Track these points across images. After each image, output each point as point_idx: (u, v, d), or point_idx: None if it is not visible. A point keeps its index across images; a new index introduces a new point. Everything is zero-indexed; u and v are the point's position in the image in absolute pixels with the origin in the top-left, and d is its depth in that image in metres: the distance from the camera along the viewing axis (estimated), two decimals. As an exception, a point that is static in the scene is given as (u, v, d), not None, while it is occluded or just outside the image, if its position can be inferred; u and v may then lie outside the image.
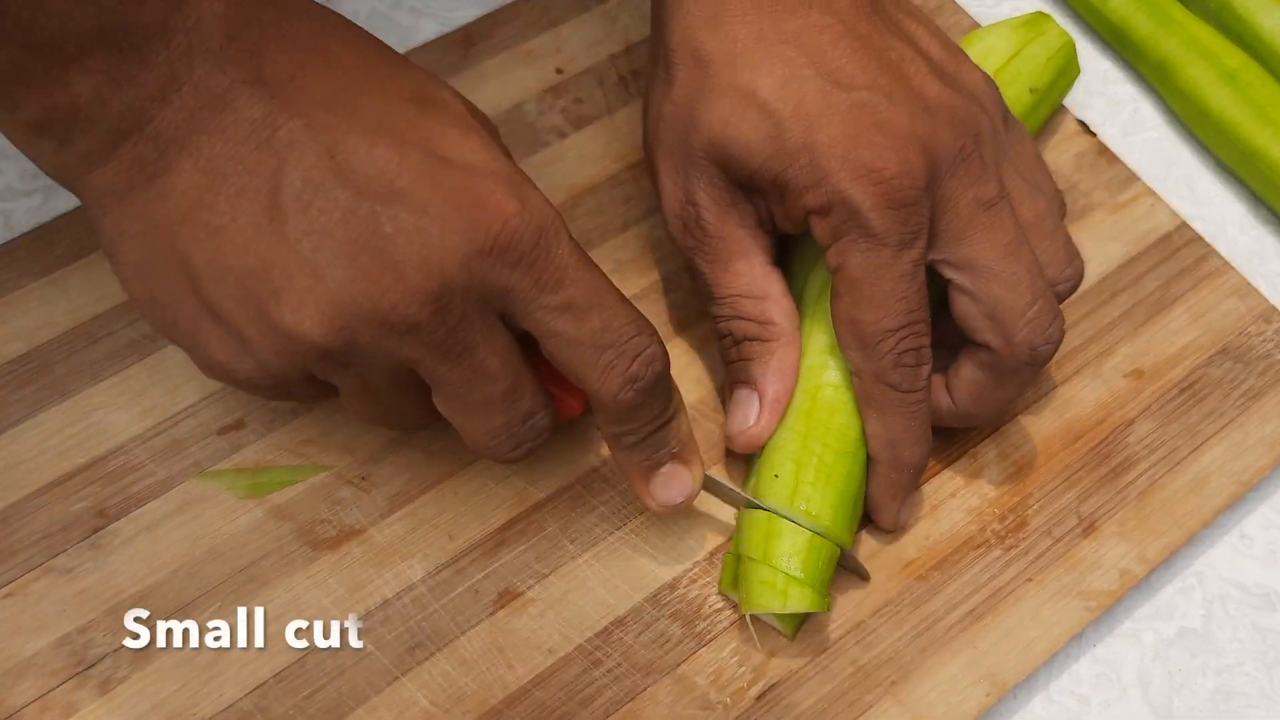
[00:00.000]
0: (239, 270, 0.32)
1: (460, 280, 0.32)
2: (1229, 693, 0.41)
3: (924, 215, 0.37)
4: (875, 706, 0.38)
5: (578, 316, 0.34)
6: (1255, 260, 0.50)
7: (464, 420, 0.36)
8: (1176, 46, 0.52)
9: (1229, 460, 0.43)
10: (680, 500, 0.38)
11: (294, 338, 0.32)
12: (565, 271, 0.34)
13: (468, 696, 0.37)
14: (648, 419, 0.37)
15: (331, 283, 0.32)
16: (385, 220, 0.32)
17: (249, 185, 0.32)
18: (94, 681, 0.37)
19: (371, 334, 0.32)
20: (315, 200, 0.32)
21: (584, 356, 0.34)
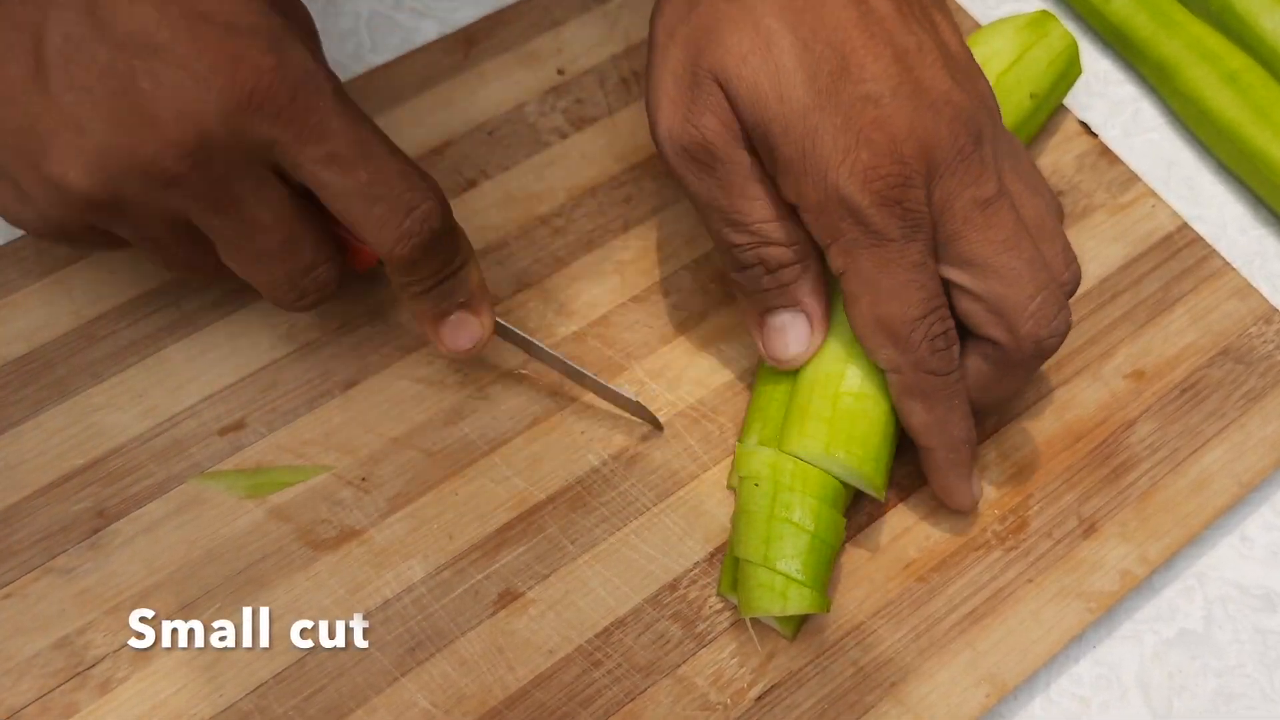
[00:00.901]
0: (9, 125, 0.34)
1: (219, 134, 0.33)
2: (1229, 694, 0.41)
3: (923, 210, 0.37)
4: (875, 708, 0.38)
5: (344, 169, 0.35)
6: (1256, 261, 0.50)
7: (245, 271, 0.37)
8: (1178, 48, 0.52)
9: (1230, 461, 0.43)
10: (468, 345, 0.40)
11: (62, 189, 0.34)
12: (328, 123, 0.34)
13: (468, 697, 0.37)
14: (430, 272, 0.38)
15: (93, 136, 0.33)
16: (143, 75, 0.33)
17: (15, 41, 0.33)
18: (94, 682, 0.37)
19: (135, 186, 0.34)
20: (76, 55, 0.33)
21: (354, 209, 0.35)
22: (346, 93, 0.35)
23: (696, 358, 0.44)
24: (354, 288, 0.44)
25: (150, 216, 0.35)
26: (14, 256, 0.44)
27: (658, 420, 0.42)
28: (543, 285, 0.45)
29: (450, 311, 0.39)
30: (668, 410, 0.43)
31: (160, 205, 0.35)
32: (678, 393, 0.43)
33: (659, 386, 0.43)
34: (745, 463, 0.39)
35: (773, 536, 0.37)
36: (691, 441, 0.42)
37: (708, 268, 0.46)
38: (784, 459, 0.38)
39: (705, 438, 0.42)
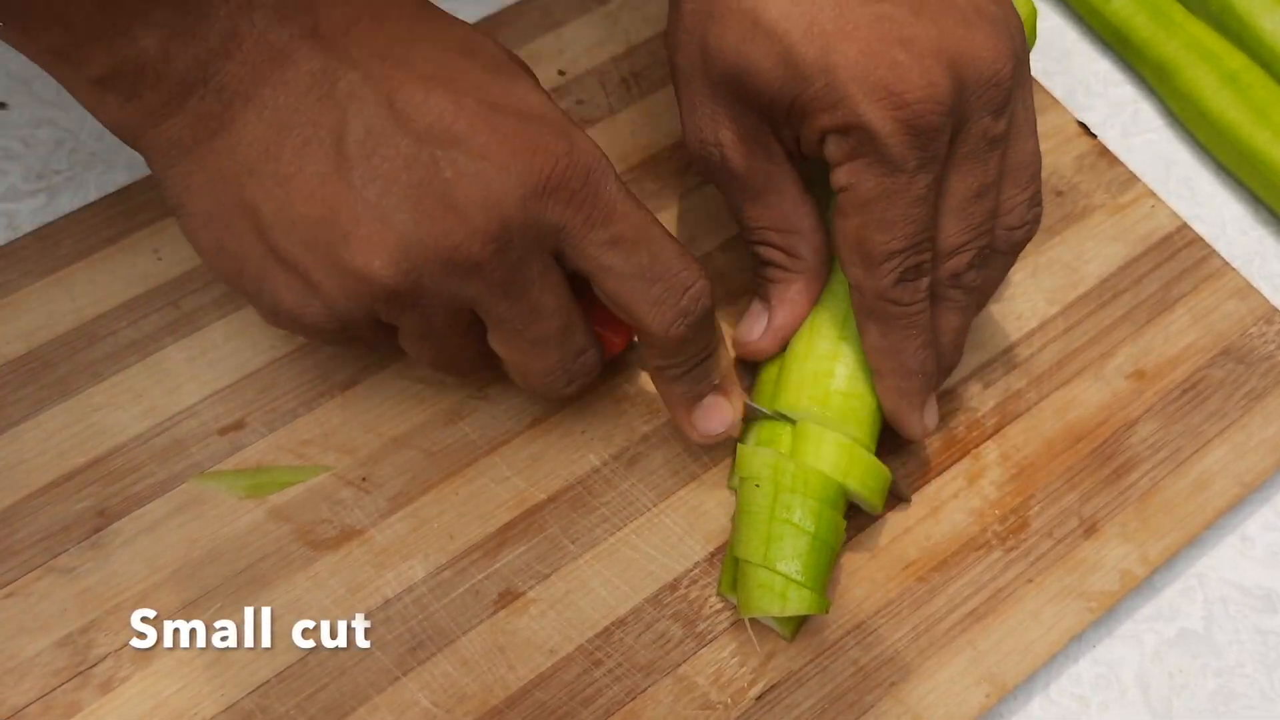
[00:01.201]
0: (307, 217, 0.33)
1: (518, 219, 0.34)
2: (1229, 694, 0.41)
3: (945, 140, 0.36)
4: (875, 707, 0.38)
5: (626, 251, 0.35)
6: (1256, 261, 0.50)
7: (520, 357, 0.37)
8: (1177, 48, 0.52)
9: (1231, 461, 0.43)
10: (720, 430, 0.39)
11: (363, 279, 0.34)
12: (613, 208, 0.35)
13: (469, 697, 0.37)
14: (693, 353, 0.38)
15: (398, 226, 0.33)
16: (445, 164, 0.33)
17: (313, 136, 0.33)
18: (96, 681, 0.37)
19: (437, 274, 0.34)
20: (378, 148, 0.33)
21: (634, 290, 0.36)
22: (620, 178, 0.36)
23: (697, 358, 0.44)
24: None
25: (440, 305, 0.35)
26: (14, 256, 0.44)
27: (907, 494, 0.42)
28: (543, 285, 0.45)
29: (704, 394, 0.39)
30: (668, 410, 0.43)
31: (455, 293, 0.35)
32: (678, 393, 0.43)
33: (659, 386, 0.43)
34: (746, 463, 0.39)
35: (773, 537, 0.37)
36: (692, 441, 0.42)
37: (707, 267, 0.46)
38: (785, 460, 0.38)
39: (706, 437, 0.42)
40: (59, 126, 0.48)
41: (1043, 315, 0.46)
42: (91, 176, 0.47)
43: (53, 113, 0.49)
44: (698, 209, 0.47)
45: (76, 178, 0.47)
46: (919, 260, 0.37)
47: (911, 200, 0.36)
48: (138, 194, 0.45)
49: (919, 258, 0.37)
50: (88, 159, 0.48)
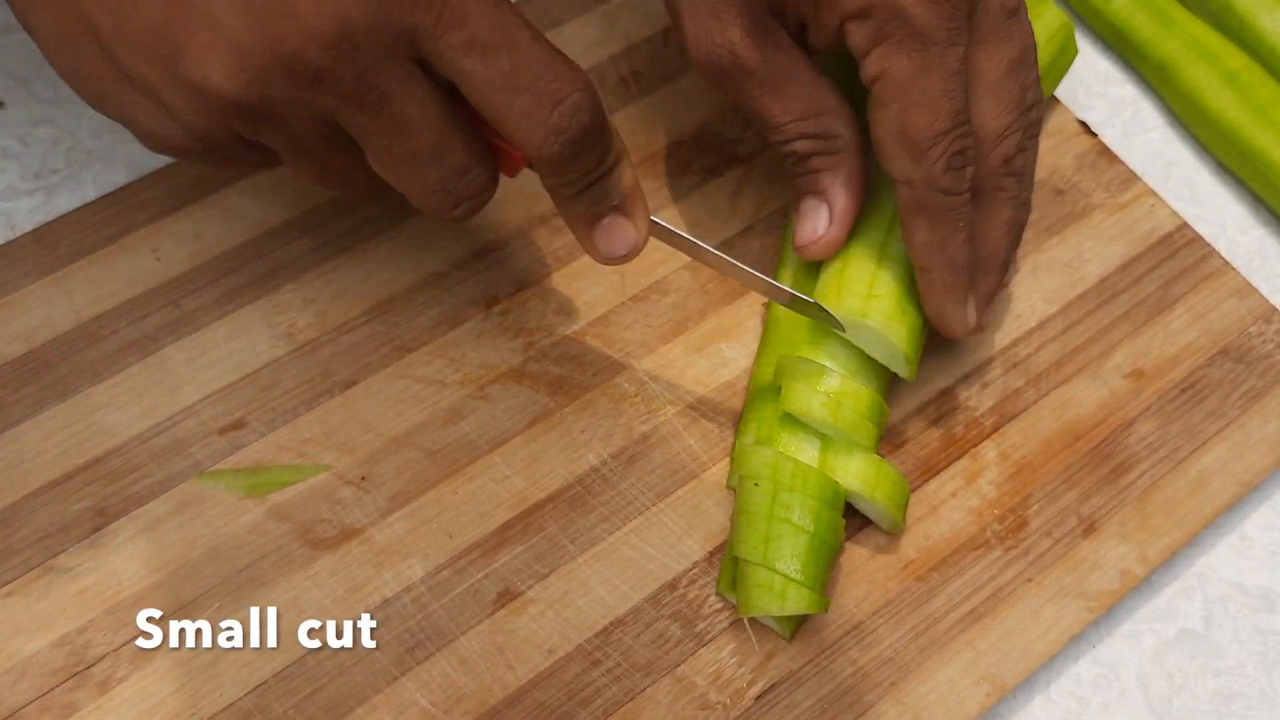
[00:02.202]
0: (143, 30, 0.32)
1: (360, 20, 0.31)
2: (1229, 694, 0.41)
3: (967, 8, 0.36)
4: (875, 707, 0.38)
5: (485, 56, 0.33)
6: (1256, 261, 0.50)
7: (396, 176, 0.35)
8: (1177, 47, 0.52)
9: (1230, 461, 0.43)
10: (623, 252, 0.37)
11: (206, 93, 0.32)
12: (467, 6, 0.32)
13: (467, 696, 0.37)
14: (582, 171, 0.35)
15: (230, 32, 0.31)
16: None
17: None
18: (93, 681, 0.37)
19: (280, 84, 0.32)
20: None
21: (497, 101, 0.33)
22: None
23: (696, 357, 0.44)
24: (353, 288, 0.44)
25: (298, 119, 0.33)
26: (12, 256, 0.44)
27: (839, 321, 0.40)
28: (542, 285, 0.45)
29: (603, 215, 0.37)
30: (667, 409, 0.43)
31: (307, 104, 0.32)
32: (677, 392, 0.43)
33: (659, 386, 0.43)
34: (745, 462, 0.39)
35: (772, 536, 0.37)
36: (691, 441, 0.42)
37: (707, 268, 0.46)
38: (784, 459, 0.38)
39: (705, 437, 0.42)
40: (57, 125, 0.48)
41: (1041, 314, 0.46)
42: (90, 175, 0.47)
43: (51, 111, 0.48)
44: (698, 209, 0.47)
45: (74, 177, 0.47)
46: (964, 145, 0.37)
47: (948, 74, 0.36)
48: (136, 193, 0.45)
49: (964, 141, 0.37)
50: (86, 158, 0.48)
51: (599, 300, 0.45)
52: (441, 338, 0.43)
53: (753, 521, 0.38)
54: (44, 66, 0.49)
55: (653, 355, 0.44)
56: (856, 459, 0.39)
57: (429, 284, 0.44)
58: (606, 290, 0.45)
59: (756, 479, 0.38)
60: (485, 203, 0.36)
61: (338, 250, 0.45)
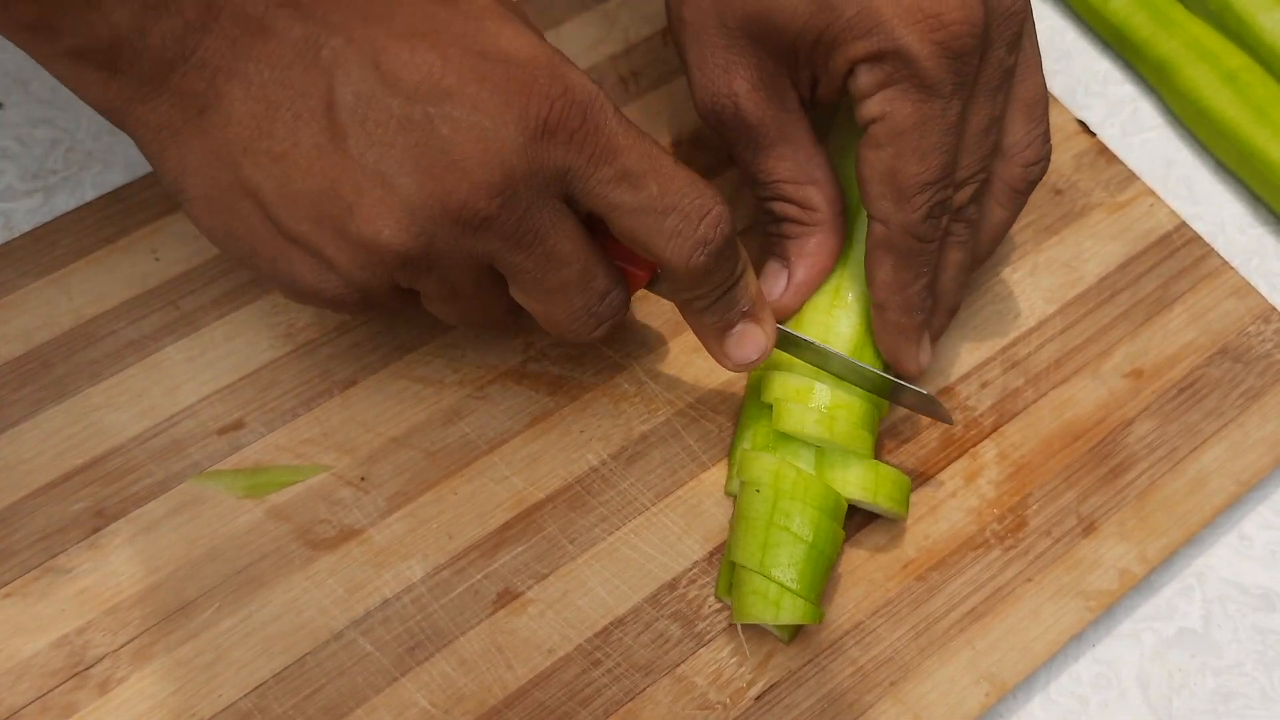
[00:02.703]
0: (309, 192, 0.33)
1: (521, 168, 0.33)
2: (1228, 693, 0.41)
3: (976, 65, 0.36)
4: (875, 707, 0.38)
5: (634, 185, 0.34)
6: (1254, 260, 0.50)
7: (544, 306, 0.36)
8: (1176, 47, 0.52)
9: (1228, 460, 0.43)
10: (755, 358, 0.38)
11: (375, 249, 0.33)
12: (615, 142, 0.34)
13: (467, 697, 0.37)
14: (719, 281, 0.37)
15: (401, 190, 0.33)
16: (440, 121, 0.33)
17: (303, 108, 0.33)
18: (93, 682, 0.37)
19: (447, 233, 0.33)
20: (370, 112, 0.33)
21: (647, 224, 0.35)
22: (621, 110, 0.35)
23: (695, 357, 0.44)
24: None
25: (456, 264, 0.34)
26: (11, 257, 0.44)
27: (950, 416, 0.41)
28: (542, 285, 0.45)
29: (735, 323, 0.38)
30: (667, 409, 0.43)
31: (469, 251, 0.34)
32: (676, 392, 0.43)
33: (658, 385, 0.43)
34: (747, 467, 0.39)
35: (770, 544, 0.37)
36: (691, 441, 0.42)
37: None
38: (787, 466, 0.38)
39: (704, 437, 0.42)
40: (56, 126, 0.48)
41: (1040, 314, 0.46)
42: (88, 176, 0.47)
43: (49, 112, 0.48)
44: (696, 208, 0.47)
45: (73, 177, 0.47)
46: (946, 196, 0.38)
47: (946, 128, 0.36)
48: (135, 194, 0.45)
49: (946, 193, 0.38)
50: (84, 159, 0.48)
51: (598, 300, 0.45)
52: (441, 338, 0.43)
53: (751, 528, 0.38)
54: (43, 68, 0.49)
55: (652, 355, 0.44)
56: (854, 468, 0.39)
57: (428, 284, 0.44)
58: (606, 290, 0.45)
59: (758, 485, 0.38)
60: (621, 321, 0.38)
61: (337, 250, 0.45)
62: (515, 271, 0.35)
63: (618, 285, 0.37)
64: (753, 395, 0.42)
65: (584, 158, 0.34)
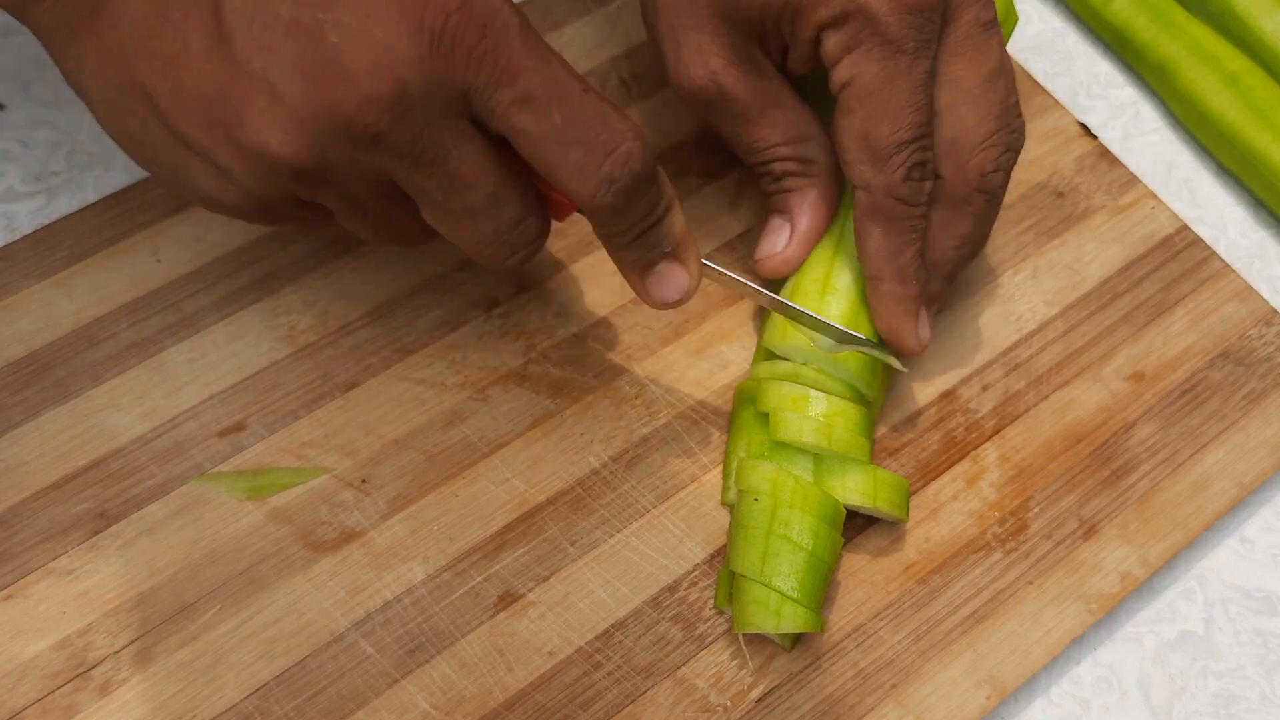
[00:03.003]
0: (199, 97, 0.32)
1: (415, 82, 0.32)
2: (1230, 696, 0.41)
3: (937, 22, 0.37)
4: (876, 710, 0.38)
5: (537, 111, 0.33)
6: (1256, 263, 0.50)
7: (452, 230, 0.35)
8: (1178, 49, 0.52)
9: (1230, 463, 0.43)
10: (676, 298, 0.38)
11: (265, 158, 0.32)
12: (517, 63, 0.32)
13: (468, 699, 0.37)
14: (634, 219, 0.35)
15: (288, 99, 0.31)
16: (329, 28, 0.31)
17: (193, 8, 0.32)
18: (94, 684, 0.37)
19: (338, 147, 0.32)
20: (257, 15, 0.31)
21: (550, 155, 0.33)
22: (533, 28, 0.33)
23: (696, 359, 0.44)
24: (354, 290, 0.44)
25: (355, 179, 0.33)
26: (12, 259, 0.44)
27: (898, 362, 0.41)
28: (543, 287, 0.45)
29: (656, 262, 0.37)
30: (667, 412, 0.43)
31: (364, 165, 0.33)
32: (677, 394, 0.43)
33: (659, 388, 0.43)
34: (745, 476, 0.39)
35: (770, 553, 0.37)
36: (692, 443, 0.42)
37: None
38: (785, 475, 0.38)
39: (705, 439, 0.42)
40: (57, 128, 0.48)
41: (1042, 317, 0.46)
42: (90, 178, 0.47)
43: (51, 114, 0.49)
44: (698, 210, 0.47)
45: (75, 179, 0.47)
46: (925, 157, 0.38)
47: (914, 85, 0.37)
48: (136, 195, 0.45)
49: (925, 154, 0.38)
50: (86, 160, 0.48)
51: (599, 303, 0.45)
52: (442, 340, 0.43)
53: (751, 537, 0.38)
54: (45, 69, 0.49)
55: (653, 358, 0.44)
56: (853, 474, 0.39)
57: (430, 286, 0.44)
58: (607, 293, 0.45)
59: (756, 494, 0.38)
60: (539, 249, 0.37)
61: (338, 252, 0.45)
62: (418, 192, 0.34)
63: (533, 213, 0.35)
64: (744, 404, 0.42)
65: (482, 77, 0.32)
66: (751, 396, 0.41)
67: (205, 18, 0.32)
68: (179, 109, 0.32)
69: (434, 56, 0.32)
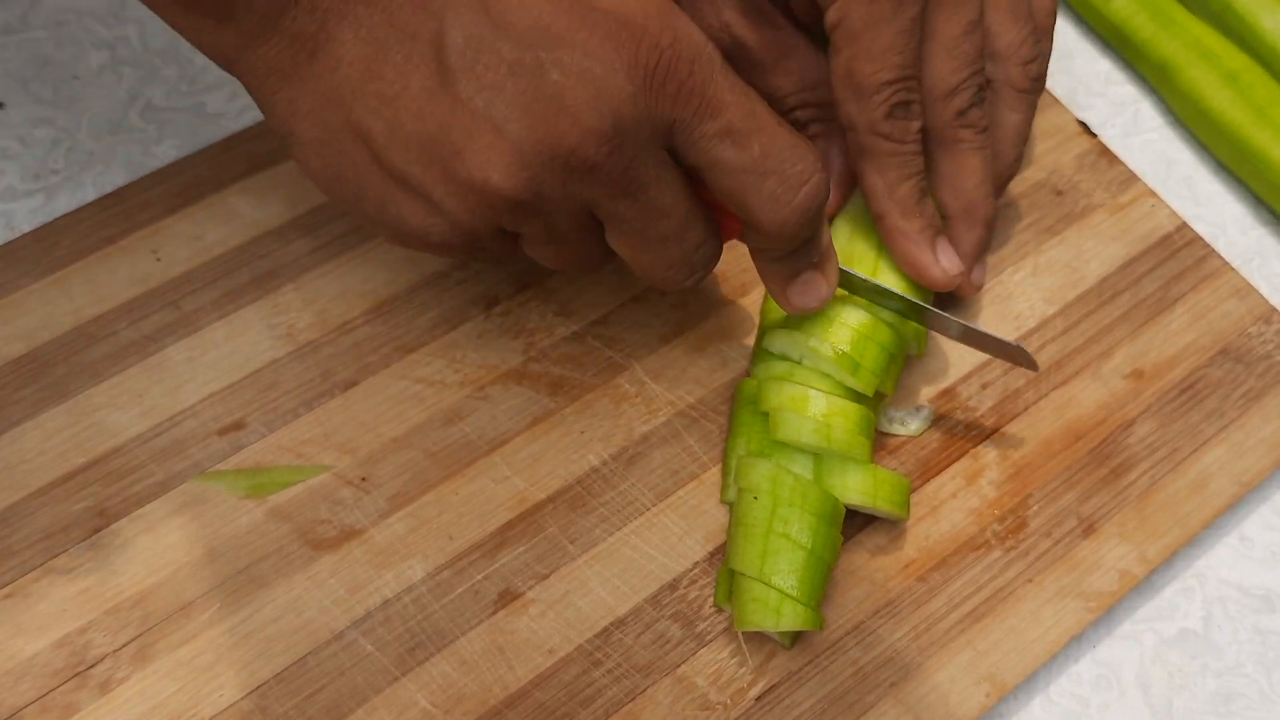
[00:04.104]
0: (419, 135, 0.33)
1: (630, 116, 0.33)
2: (1229, 694, 0.41)
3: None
4: (875, 707, 0.38)
5: (738, 143, 0.34)
6: (1255, 261, 0.50)
7: (641, 254, 0.37)
8: (1177, 48, 0.52)
9: (1229, 461, 0.43)
10: (815, 306, 0.39)
11: (484, 192, 0.33)
12: (722, 97, 0.34)
13: (468, 697, 0.37)
14: (801, 242, 0.37)
15: (511, 135, 0.33)
16: (550, 66, 0.32)
17: (414, 50, 0.33)
18: (94, 682, 0.37)
19: (556, 179, 0.33)
20: (480, 56, 0.32)
21: (746, 184, 0.35)
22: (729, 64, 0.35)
23: (696, 357, 0.44)
24: (353, 288, 0.44)
25: (563, 209, 0.35)
26: (12, 257, 0.44)
27: (1035, 362, 0.42)
28: (544, 285, 0.45)
29: (802, 272, 0.39)
30: (667, 410, 0.43)
31: (575, 196, 0.34)
32: (677, 392, 0.43)
33: (659, 386, 0.43)
34: (745, 474, 0.39)
35: (769, 551, 0.37)
36: (691, 441, 0.42)
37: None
38: (784, 473, 0.38)
39: (705, 437, 0.42)
40: (56, 126, 0.48)
41: (1041, 315, 0.46)
42: (89, 176, 0.47)
43: (50, 112, 0.48)
44: (697, 209, 0.47)
45: (74, 178, 0.47)
46: (908, 97, 0.39)
47: (897, 30, 0.38)
48: (136, 194, 0.45)
49: (908, 95, 0.39)
50: (85, 159, 0.48)
51: (599, 301, 0.45)
52: (442, 338, 0.43)
53: (750, 535, 0.38)
54: (44, 68, 0.49)
55: (653, 356, 0.44)
56: (853, 473, 0.39)
57: (429, 284, 0.44)
58: (607, 291, 0.45)
59: (756, 492, 0.38)
60: (713, 270, 0.39)
61: (338, 251, 0.45)
62: (616, 219, 0.35)
63: (712, 236, 0.37)
64: (744, 402, 0.42)
65: (690, 110, 0.34)
66: (751, 395, 0.41)
67: (428, 59, 0.33)
68: (397, 146, 0.33)
69: (647, 91, 0.33)
